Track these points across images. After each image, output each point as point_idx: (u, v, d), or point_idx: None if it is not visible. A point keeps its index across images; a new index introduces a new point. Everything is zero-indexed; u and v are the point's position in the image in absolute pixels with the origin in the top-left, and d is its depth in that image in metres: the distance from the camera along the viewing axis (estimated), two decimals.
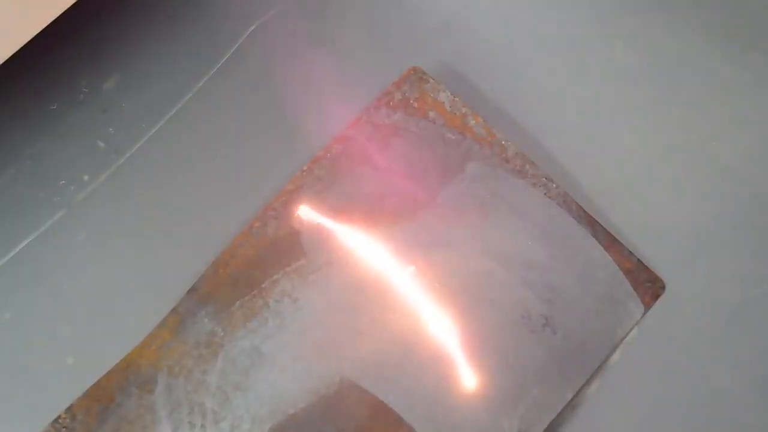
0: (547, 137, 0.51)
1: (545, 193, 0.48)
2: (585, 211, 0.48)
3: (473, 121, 0.49)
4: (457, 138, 0.49)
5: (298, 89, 0.52)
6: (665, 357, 0.47)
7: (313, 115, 0.51)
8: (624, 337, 0.46)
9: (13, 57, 0.41)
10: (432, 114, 0.49)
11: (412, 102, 0.50)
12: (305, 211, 0.47)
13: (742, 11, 0.55)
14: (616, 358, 0.46)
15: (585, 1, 0.55)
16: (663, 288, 0.47)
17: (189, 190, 0.49)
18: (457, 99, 0.50)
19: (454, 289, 0.46)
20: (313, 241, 0.47)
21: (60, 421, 0.43)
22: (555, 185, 0.48)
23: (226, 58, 0.52)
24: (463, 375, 0.44)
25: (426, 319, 0.45)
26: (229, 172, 0.50)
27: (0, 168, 0.50)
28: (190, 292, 0.46)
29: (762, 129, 0.52)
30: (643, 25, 0.54)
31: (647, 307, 0.46)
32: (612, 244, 0.47)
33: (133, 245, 0.48)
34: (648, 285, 0.47)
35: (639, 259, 0.47)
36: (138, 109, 0.51)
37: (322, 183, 0.48)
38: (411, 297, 0.46)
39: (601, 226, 0.47)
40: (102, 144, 0.50)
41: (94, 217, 0.49)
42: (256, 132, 0.51)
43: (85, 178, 0.49)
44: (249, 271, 0.46)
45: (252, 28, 0.53)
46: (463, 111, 0.49)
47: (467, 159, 0.49)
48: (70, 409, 0.43)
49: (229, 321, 0.45)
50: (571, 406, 0.45)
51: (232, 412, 0.43)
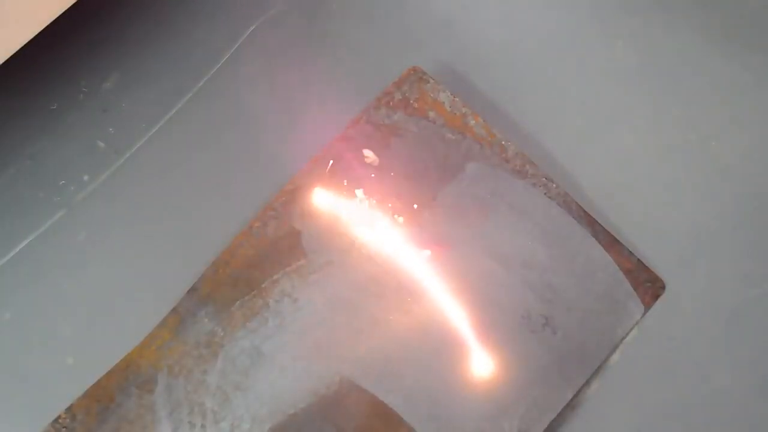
0: (547, 137, 0.51)
1: (545, 193, 0.48)
2: (585, 211, 0.48)
3: (473, 121, 0.49)
4: (457, 138, 0.49)
5: (298, 89, 0.52)
6: (665, 357, 0.47)
7: (313, 115, 0.51)
8: (624, 337, 0.46)
9: (13, 57, 0.41)
10: (432, 114, 0.49)
11: (412, 102, 0.50)
12: (305, 211, 0.47)
13: (742, 11, 0.55)
14: (616, 358, 0.46)
15: (585, 1, 0.55)
16: (663, 288, 0.47)
17: (189, 190, 0.49)
18: (457, 99, 0.50)
19: (454, 289, 0.46)
20: (313, 241, 0.47)
21: (60, 421, 0.43)
22: (555, 185, 0.48)
23: (226, 58, 0.52)
24: (463, 375, 0.44)
25: (426, 319, 0.45)
26: (229, 172, 0.50)
27: (0, 168, 0.50)
28: (190, 292, 0.46)
29: (762, 129, 0.52)
30: (643, 25, 0.54)
31: (647, 307, 0.46)
32: (612, 244, 0.47)
33: (133, 245, 0.48)
34: (648, 285, 0.47)
35: (639, 259, 0.47)
36: (138, 109, 0.51)
37: (322, 183, 0.48)
38: (411, 297, 0.46)
39: (601, 226, 0.47)
40: (102, 144, 0.50)
41: (94, 217, 0.49)
42: (256, 132, 0.51)
43: (85, 178, 0.49)
44: (249, 271, 0.46)
45: (252, 28, 0.53)
46: (463, 111, 0.49)
47: (467, 159, 0.49)
48: (70, 409, 0.43)
49: (229, 321, 0.45)
50: (571, 406, 0.45)
51: (232, 412, 0.43)
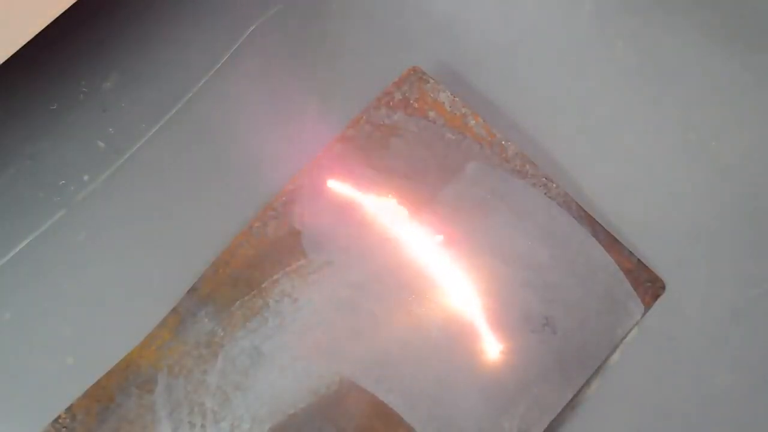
0: (547, 137, 0.51)
1: (545, 193, 0.48)
2: (585, 211, 0.48)
3: (473, 121, 0.49)
4: (457, 138, 0.49)
5: (298, 89, 0.52)
6: (665, 357, 0.47)
7: (313, 114, 0.51)
8: (624, 337, 0.46)
9: (13, 57, 0.41)
10: (432, 114, 0.49)
11: (412, 102, 0.50)
12: (305, 211, 0.47)
13: (743, 11, 0.55)
14: (616, 358, 0.46)
15: (585, 1, 0.55)
16: (663, 288, 0.47)
17: (189, 189, 0.49)
18: (457, 99, 0.50)
19: (454, 290, 0.46)
20: (313, 241, 0.47)
21: (60, 421, 0.43)
22: (555, 185, 0.48)
23: (226, 58, 0.52)
24: (464, 374, 0.44)
25: (426, 318, 0.45)
26: (229, 172, 0.50)
27: (0, 168, 0.50)
28: (190, 292, 0.46)
29: (762, 129, 0.52)
30: (643, 25, 0.54)
31: (647, 307, 0.46)
32: (612, 244, 0.47)
33: (133, 245, 0.48)
34: (648, 285, 0.47)
35: (639, 259, 0.47)
36: (138, 109, 0.51)
37: (322, 183, 0.48)
38: (411, 297, 0.46)
39: (601, 226, 0.47)
40: (102, 144, 0.50)
41: (94, 217, 0.49)
42: (256, 132, 0.51)
43: (85, 178, 0.49)
44: (249, 271, 0.46)
45: (252, 28, 0.53)
46: (463, 111, 0.49)
47: (467, 159, 0.49)
48: (70, 409, 0.43)
49: (229, 321, 0.45)
50: (571, 406, 0.45)
51: (232, 412, 0.43)
